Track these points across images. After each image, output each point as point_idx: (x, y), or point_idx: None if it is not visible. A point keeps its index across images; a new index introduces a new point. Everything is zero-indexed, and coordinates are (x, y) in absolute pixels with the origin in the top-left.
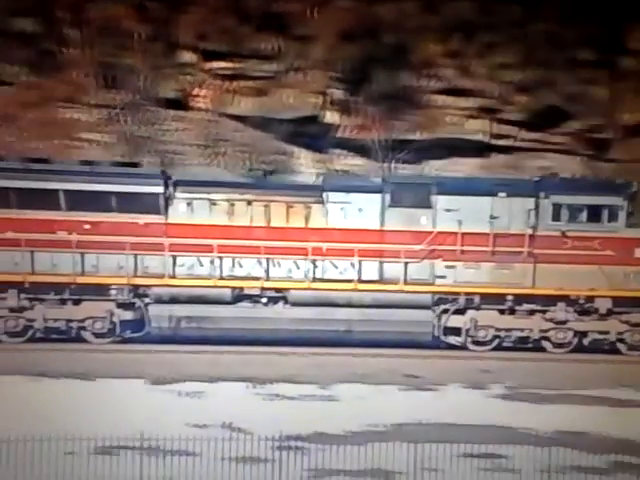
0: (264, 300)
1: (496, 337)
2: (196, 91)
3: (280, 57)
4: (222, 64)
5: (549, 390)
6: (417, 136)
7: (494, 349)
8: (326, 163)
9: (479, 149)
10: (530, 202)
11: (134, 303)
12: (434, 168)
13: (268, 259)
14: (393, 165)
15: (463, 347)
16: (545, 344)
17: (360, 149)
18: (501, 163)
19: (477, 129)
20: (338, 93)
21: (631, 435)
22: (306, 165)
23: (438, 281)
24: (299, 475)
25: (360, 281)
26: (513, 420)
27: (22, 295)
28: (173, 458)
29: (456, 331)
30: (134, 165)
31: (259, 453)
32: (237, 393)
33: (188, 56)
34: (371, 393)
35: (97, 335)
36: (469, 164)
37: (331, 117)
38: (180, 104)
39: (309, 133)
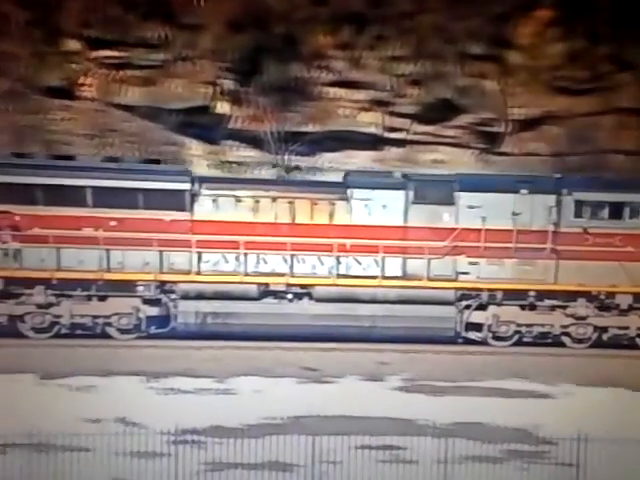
0: (289, 296)
1: (517, 332)
2: (82, 80)
3: (168, 46)
4: (108, 53)
5: (446, 382)
6: (310, 128)
7: (514, 344)
8: (218, 154)
9: (373, 142)
10: (551, 199)
11: (160, 299)
12: (327, 161)
13: (292, 255)
14: (287, 157)
15: (484, 342)
16: (565, 339)
17: (253, 141)
18: (394, 156)
19: (370, 122)
20: (228, 83)
21: (524, 424)
22: (198, 156)
23: (461, 277)
24: (196, 469)
25: (384, 277)
26: (411, 412)
27: (49, 291)
28: (65, 454)
29: (477, 327)
30: (156, 162)
31: (154, 447)
32: (131, 387)
33: (72, 44)
34: (269, 386)
35: (122, 331)
36: (363, 157)
37: (222, 108)
38: (66, 93)
39: (200, 124)
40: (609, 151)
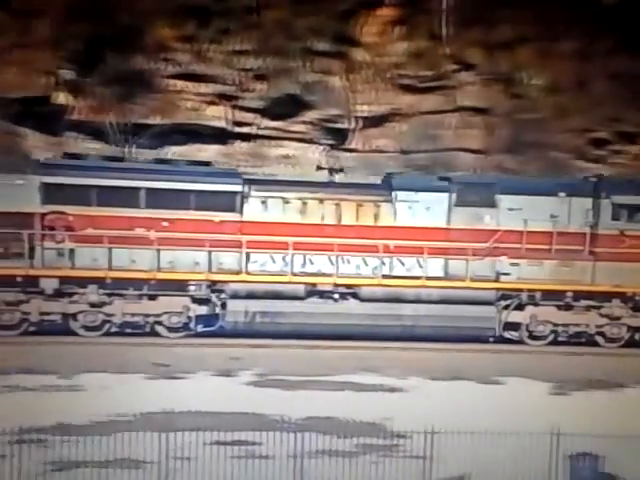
0: (336, 296)
1: (553, 332)
2: None
3: (2, 33)
4: None
5: (299, 377)
6: (156, 121)
7: (550, 344)
8: (62, 146)
9: (220, 135)
10: (588, 202)
11: (209, 298)
12: (176, 154)
13: (337, 256)
14: (134, 150)
15: (520, 342)
16: (598, 339)
17: (96, 132)
18: (243, 150)
19: (216, 115)
20: (68, 73)
21: (374, 418)
22: (39, 148)
23: (503, 278)
24: (41, 469)
25: (427, 278)
26: (263, 407)
27: (101, 290)
28: None
29: (515, 326)
30: (206, 164)
31: None
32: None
33: None
34: (117, 382)
35: (171, 329)
36: (211, 150)
37: (62, 98)
38: None
39: (40, 114)
40: (455, 149)
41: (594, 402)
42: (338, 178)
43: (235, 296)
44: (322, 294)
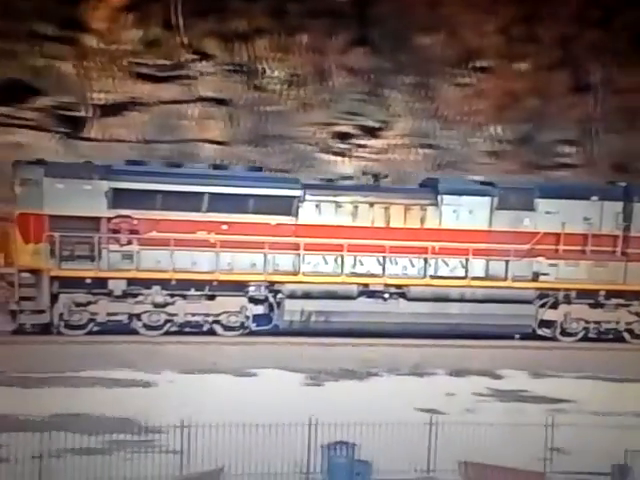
0: (386, 295)
1: (585, 329)
2: None
3: None
4: None
5: (38, 373)
6: None
7: (580, 340)
8: None
9: None
10: (619, 206)
11: (266, 298)
12: None
13: (384, 257)
14: None
15: (553, 338)
16: (626, 335)
17: None
18: None
19: None
20: None
21: (127, 414)
22: None
23: (542, 277)
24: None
25: (473, 278)
26: (3, 406)
27: (164, 291)
28: None
29: (549, 323)
30: (259, 169)
31: None
32: None
33: None
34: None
35: (227, 328)
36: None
37: None
38: None
39: None
40: (197, 140)
41: (346, 391)
42: (383, 183)
43: (292, 296)
44: (373, 294)
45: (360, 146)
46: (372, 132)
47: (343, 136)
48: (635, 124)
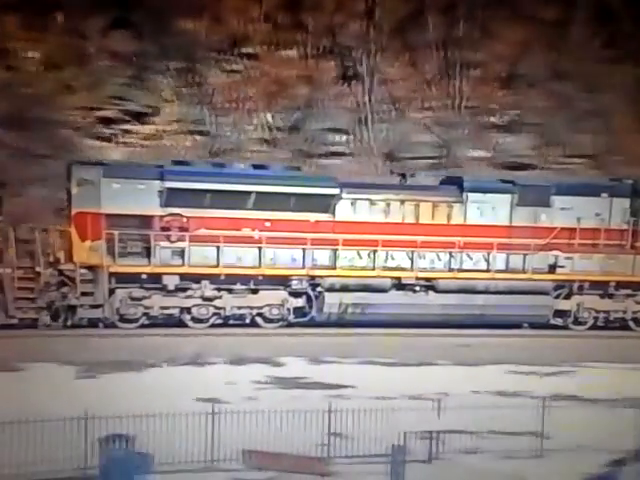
0: (417, 288)
1: (595, 318)
2: None
3: None
4: None
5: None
6: None
7: (590, 328)
8: None
9: None
10: (626, 202)
11: (306, 292)
12: None
13: (414, 251)
14: None
15: (565, 327)
16: (631, 324)
17: None
18: None
19: None
20: None
21: None
22: None
23: (559, 270)
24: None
25: (496, 271)
26: None
27: (212, 285)
28: None
29: (563, 313)
30: (297, 169)
31: None
32: None
33: None
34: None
35: (268, 320)
36: None
37: None
38: None
39: None
40: None
41: (122, 383)
42: (409, 181)
43: (331, 289)
44: (404, 287)
45: (127, 131)
46: (139, 117)
47: (109, 121)
48: (404, 113)
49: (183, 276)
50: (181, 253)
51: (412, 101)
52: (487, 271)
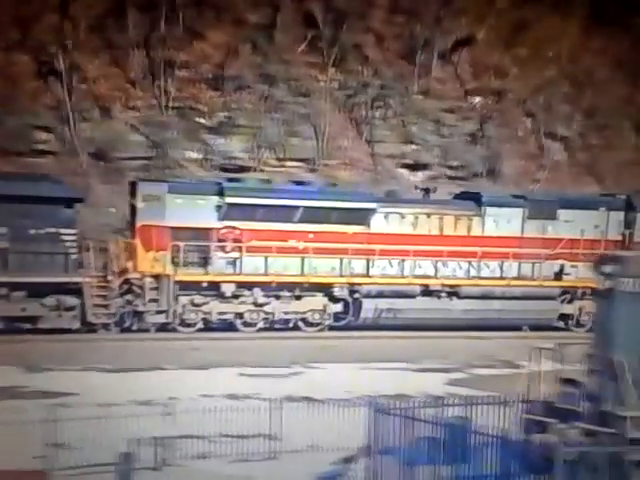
0: (443, 294)
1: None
2: None
3: None
4: None
5: None
6: None
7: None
8: None
9: None
10: (621, 215)
11: (344, 298)
12: None
13: (438, 260)
14: None
15: (567, 329)
16: None
17: None
18: None
19: None
20: None
21: None
22: None
23: (565, 277)
24: None
25: (511, 278)
26: None
27: (262, 292)
28: None
29: (566, 316)
30: (334, 185)
31: None
32: None
33: None
34: None
35: (309, 324)
36: None
37: None
38: None
39: None
40: None
41: None
42: (432, 196)
43: (367, 295)
44: (430, 293)
45: None
46: None
47: None
48: (109, 113)
49: (238, 284)
50: (234, 262)
51: (116, 100)
52: (502, 278)
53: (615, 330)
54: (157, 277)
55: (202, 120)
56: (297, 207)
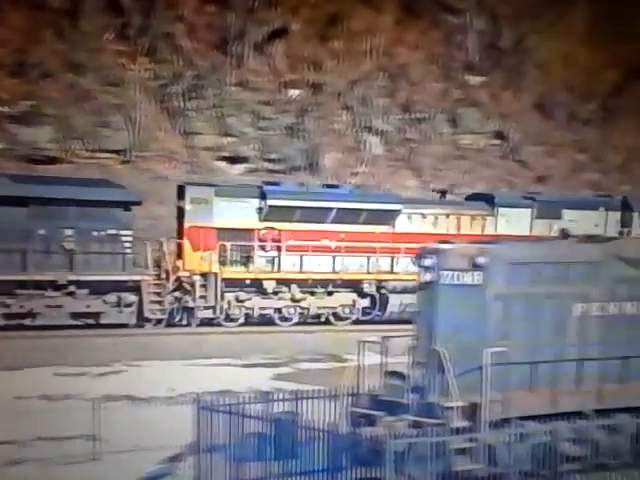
0: None
1: None
2: None
3: None
4: None
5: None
6: None
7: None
8: None
9: None
10: (618, 214)
11: (372, 293)
12: None
13: None
14: None
15: None
16: None
17: None
18: None
19: None
20: None
21: None
22: None
23: None
24: None
25: None
26: None
27: (299, 289)
28: None
29: None
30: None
31: None
32: None
33: None
34: None
35: (339, 318)
36: None
37: None
38: None
39: None
40: None
41: None
42: (447, 198)
43: (394, 291)
44: None
45: None
46: None
47: None
48: None
49: (277, 281)
50: (273, 261)
51: None
52: None
53: (436, 322)
54: (204, 275)
55: (4, 108)
56: (331, 209)
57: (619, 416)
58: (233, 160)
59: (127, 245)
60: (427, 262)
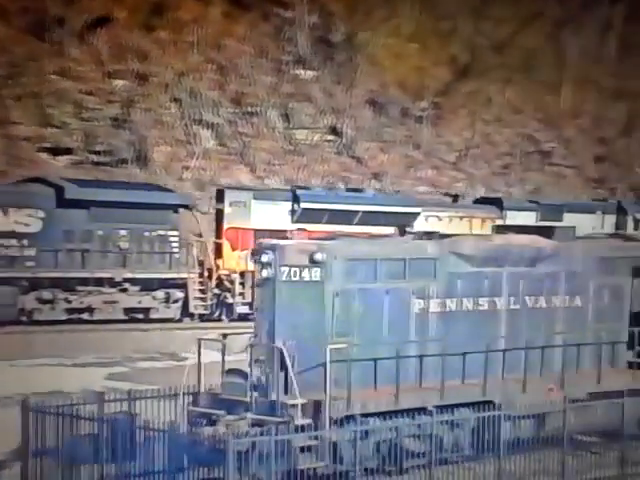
0: None
1: None
2: None
3: None
4: None
5: None
6: None
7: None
8: None
9: None
10: (613, 218)
11: None
12: None
13: None
14: None
15: None
16: None
17: None
18: None
19: None
20: None
21: None
22: None
23: None
24: None
25: None
26: None
27: None
28: None
29: None
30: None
31: None
32: None
33: None
34: None
35: None
36: None
37: None
38: None
39: None
40: None
41: None
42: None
43: None
44: None
45: None
46: None
47: None
48: None
49: None
50: None
51: None
52: None
53: (275, 319)
54: (242, 273)
55: None
56: (356, 212)
57: (460, 411)
58: (55, 152)
59: (174, 245)
60: (265, 258)
